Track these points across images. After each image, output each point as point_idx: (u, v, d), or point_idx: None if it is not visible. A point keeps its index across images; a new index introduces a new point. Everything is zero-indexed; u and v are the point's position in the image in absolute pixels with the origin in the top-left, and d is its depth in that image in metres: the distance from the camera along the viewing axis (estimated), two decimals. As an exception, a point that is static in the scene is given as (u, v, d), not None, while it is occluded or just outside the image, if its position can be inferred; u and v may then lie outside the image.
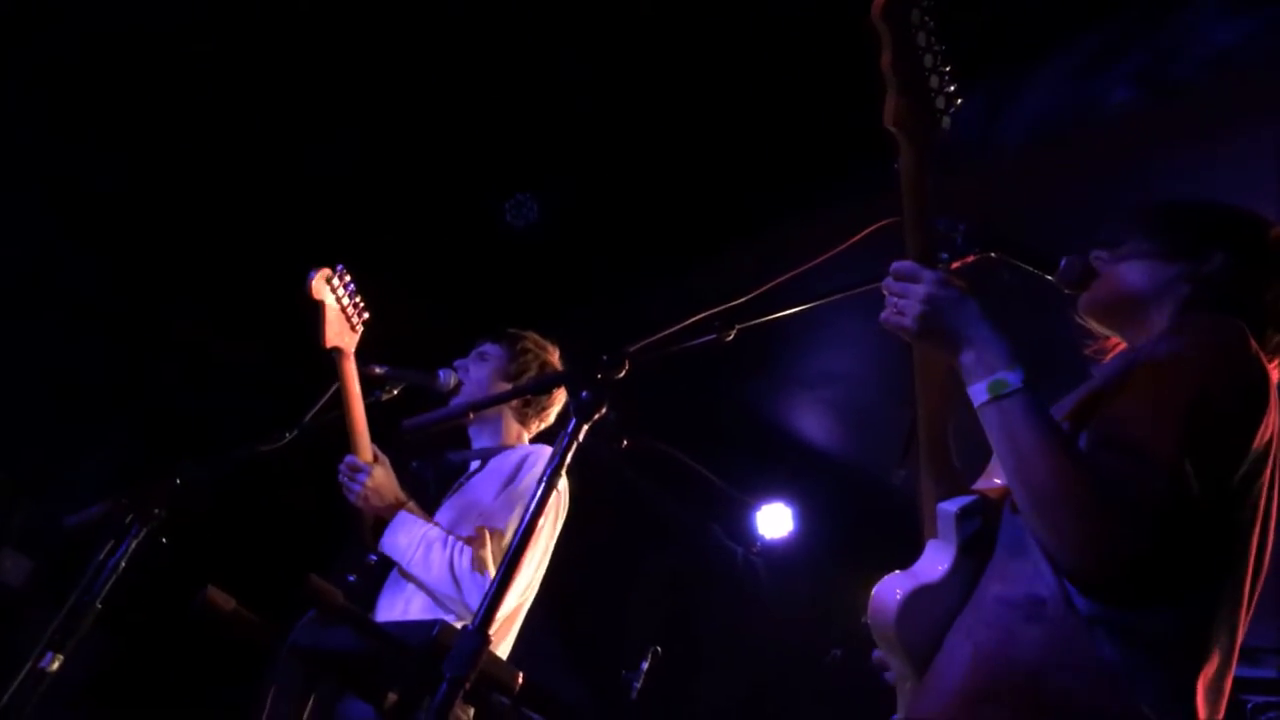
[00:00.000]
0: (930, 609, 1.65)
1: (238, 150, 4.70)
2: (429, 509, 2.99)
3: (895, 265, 1.70)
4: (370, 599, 2.92)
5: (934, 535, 1.72)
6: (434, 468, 3.22)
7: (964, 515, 1.68)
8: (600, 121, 4.54)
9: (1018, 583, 1.58)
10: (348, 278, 3.03)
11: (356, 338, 3.01)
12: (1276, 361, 1.78)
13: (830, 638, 6.94)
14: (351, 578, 2.93)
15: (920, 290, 1.65)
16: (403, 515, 2.86)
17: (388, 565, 2.93)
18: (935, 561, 1.69)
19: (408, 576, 2.86)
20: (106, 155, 4.66)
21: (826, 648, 6.80)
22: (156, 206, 4.82)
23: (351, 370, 2.93)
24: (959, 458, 1.78)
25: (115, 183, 4.74)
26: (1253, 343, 1.63)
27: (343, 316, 2.98)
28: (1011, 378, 1.56)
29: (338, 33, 4.24)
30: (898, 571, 1.71)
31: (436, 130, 4.64)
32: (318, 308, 2.93)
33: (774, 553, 6.64)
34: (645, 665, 5.65)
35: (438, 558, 2.78)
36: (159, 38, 4.22)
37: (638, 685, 5.63)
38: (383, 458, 2.91)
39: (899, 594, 1.66)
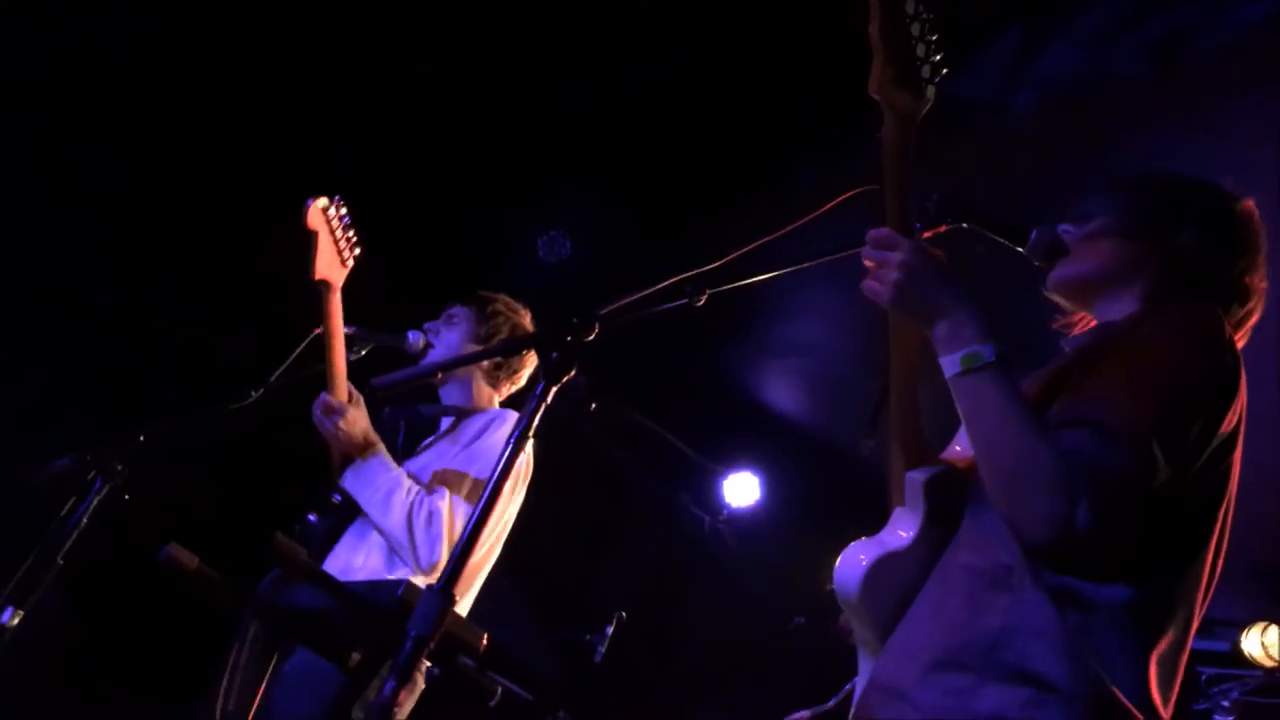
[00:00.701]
0: (895, 575, 1.66)
1: (208, 109, 4.64)
2: (396, 458, 2.97)
3: (872, 233, 1.70)
4: (331, 540, 2.91)
5: (901, 503, 1.73)
6: (405, 418, 3.21)
7: (932, 484, 1.69)
8: (579, 84, 4.50)
9: (984, 552, 1.59)
10: (344, 210, 2.95)
11: (345, 273, 2.95)
12: (1240, 333, 1.80)
13: (795, 606, 7.00)
14: (313, 517, 2.91)
15: (896, 258, 1.65)
16: (372, 458, 2.85)
17: (352, 509, 2.91)
18: (901, 529, 1.70)
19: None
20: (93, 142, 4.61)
21: (791, 615, 6.86)
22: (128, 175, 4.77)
23: (337, 305, 2.89)
24: (929, 427, 1.79)
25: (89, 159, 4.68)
26: (1226, 327, 1.65)
27: (334, 249, 2.92)
28: (985, 351, 1.56)
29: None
30: (864, 538, 1.72)
31: (409, 84, 4.59)
32: (310, 237, 2.87)
33: (740, 521, 6.67)
34: (610, 630, 5.68)
35: (397, 504, 2.77)
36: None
37: (602, 650, 5.66)
38: (358, 397, 2.88)
39: (864, 560, 1.67)
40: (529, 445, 2.99)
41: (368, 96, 4.61)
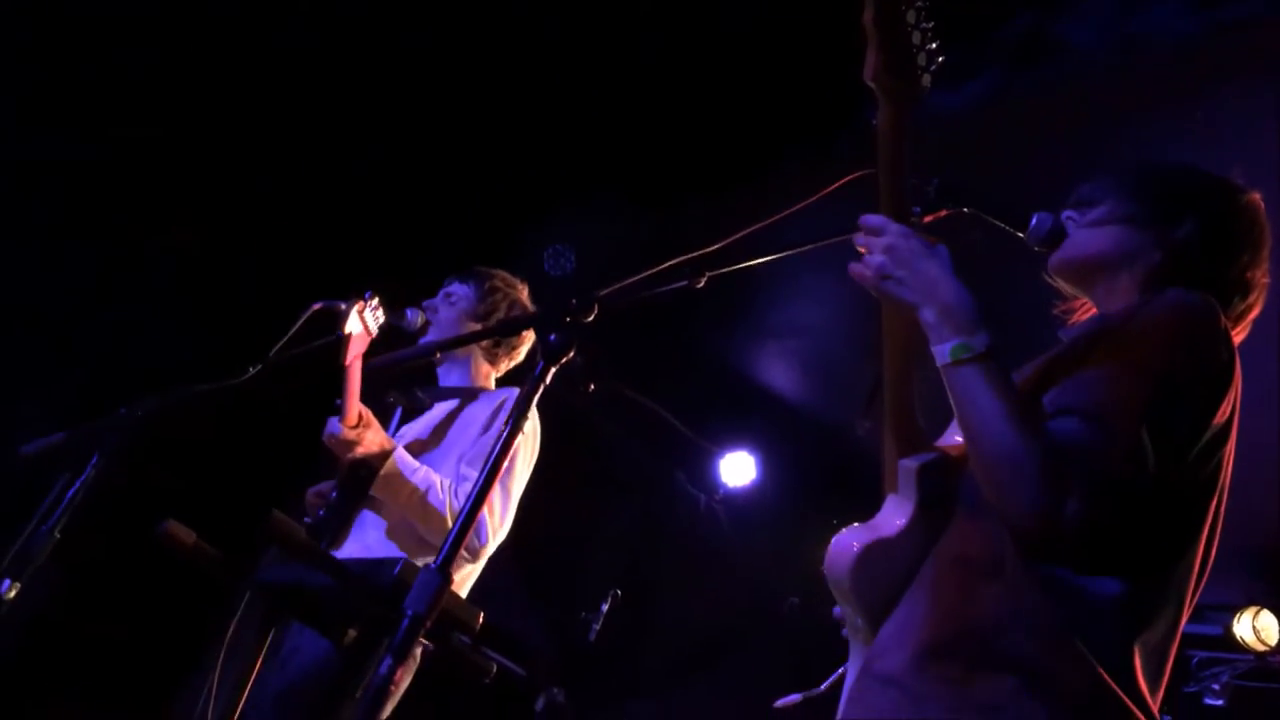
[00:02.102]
0: (887, 563, 1.66)
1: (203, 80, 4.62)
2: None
3: (864, 218, 1.69)
4: (336, 534, 2.92)
5: (894, 490, 1.73)
6: (404, 402, 3.22)
7: (925, 472, 1.68)
8: (574, 65, 4.49)
9: (976, 541, 1.59)
10: (378, 308, 2.89)
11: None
12: (1240, 327, 1.79)
13: (789, 587, 7.02)
14: (321, 512, 2.93)
15: (882, 243, 1.64)
16: (396, 465, 2.84)
17: (353, 502, 2.92)
18: (894, 516, 1.69)
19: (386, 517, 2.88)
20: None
21: (785, 596, 6.89)
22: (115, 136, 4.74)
23: (359, 348, 2.84)
24: (923, 413, 1.79)
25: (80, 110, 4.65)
26: (1222, 320, 1.64)
27: (365, 338, 2.89)
28: (975, 341, 1.55)
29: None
30: (856, 524, 1.72)
31: (410, 54, 4.58)
32: (340, 337, 2.82)
33: (736, 501, 6.69)
34: (605, 608, 5.70)
35: (435, 505, 2.83)
36: None
37: (596, 627, 5.68)
38: (367, 415, 2.87)
39: (856, 546, 1.66)
40: (535, 424, 3.04)
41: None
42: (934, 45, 1.67)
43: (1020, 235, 1.92)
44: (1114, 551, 1.50)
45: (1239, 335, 1.76)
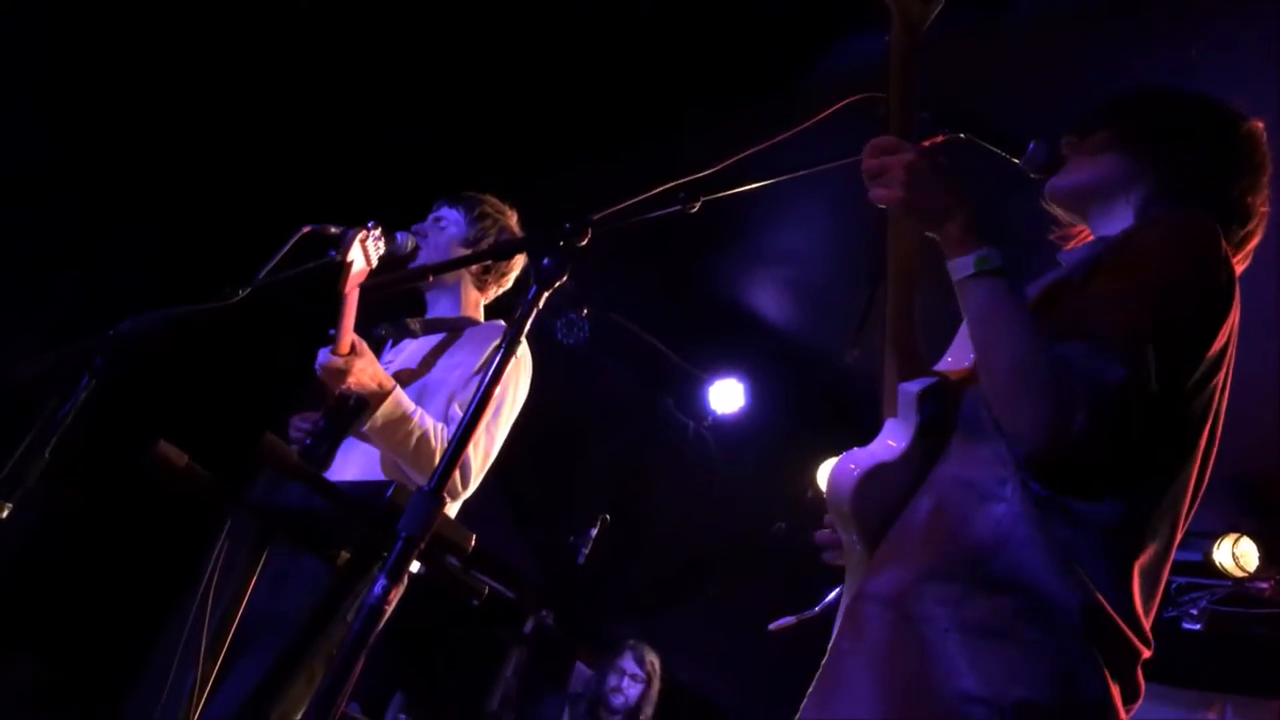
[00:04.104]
0: (886, 485, 1.67)
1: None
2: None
3: (875, 140, 1.68)
4: (323, 465, 2.92)
5: (894, 414, 1.73)
6: (394, 334, 3.20)
7: (925, 395, 1.69)
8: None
9: (975, 464, 1.60)
10: (380, 238, 2.84)
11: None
12: (1240, 254, 1.79)
13: (776, 511, 7.09)
14: (309, 441, 2.93)
15: (903, 159, 1.63)
16: (390, 408, 2.83)
17: (340, 432, 2.92)
18: (893, 439, 1.71)
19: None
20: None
21: (773, 521, 6.95)
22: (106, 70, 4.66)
23: (357, 277, 2.81)
24: (922, 338, 1.79)
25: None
26: (1223, 243, 1.63)
27: (365, 269, 2.84)
28: (993, 255, 1.57)
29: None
30: (855, 448, 1.73)
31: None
32: (340, 265, 2.76)
33: (724, 427, 6.72)
34: (593, 533, 5.75)
35: (427, 454, 2.81)
36: None
37: (585, 552, 5.74)
38: (362, 346, 2.85)
39: (855, 469, 1.67)
40: (525, 350, 3.03)
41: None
42: None
43: (1016, 161, 1.91)
44: (1114, 470, 1.52)
45: (1240, 264, 1.75)
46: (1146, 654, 1.54)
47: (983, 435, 1.60)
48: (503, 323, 3.25)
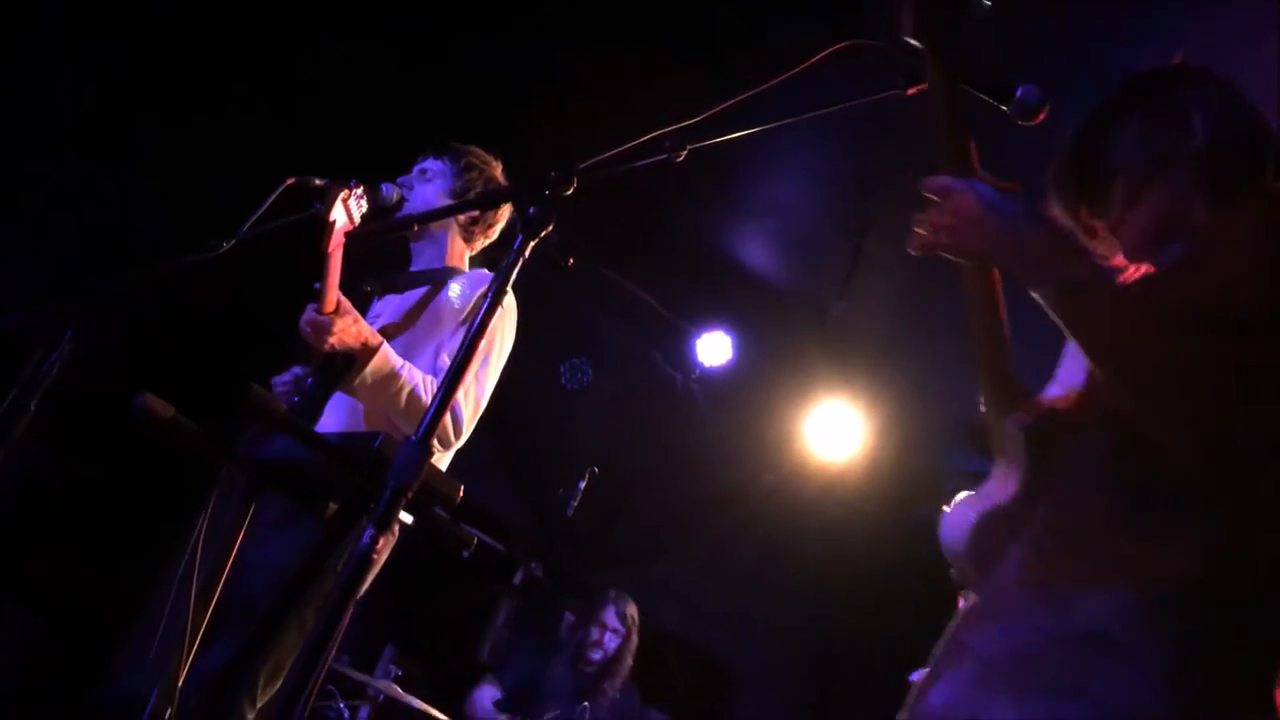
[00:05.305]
0: (998, 530, 1.60)
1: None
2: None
3: (925, 180, 1.56)
4: (310, 421, 2.92)
5: (1001, 452, 1.66)
6: (380, 290, 3.19)
7: (1032, 434, 1.61)
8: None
9: (1069, 509, 1.53)
10: (363, 196, 2.84)
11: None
12: None
13: (763, 464, 7.13)
14: (296, 398, 2.92)
15: (950, 205, 1.52)
16: (378, 366, 2.81)
17: (326, 389, 2.92)
18: (1003, 481, 1.63)
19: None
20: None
21: (759, 473, 6.99)
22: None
23: (340, 237, 2.80)
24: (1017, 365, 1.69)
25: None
26: None
27: (348, 227, 2.82)
28: (1071, 271, 1.44)
29: None
30: (969, 493, 1.67)
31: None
32: (324, 222, 2.74)
33: (712, 380, 6.73)
34: (582, 485, 5.78)
35: (417, 404, 2.81)
36: None
37: (574, 504, 5.77)
38: (345, 303, 2.84)
39: (971, 518, 1.62)
40: (510, 299, 3.02)
41: None
42: None
43: (1004, 108, 1.89)
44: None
45: None
46: None
47: (1079, 478, 1.52)
48: (487, 271, 3.23)
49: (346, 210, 2.78)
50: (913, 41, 1.60)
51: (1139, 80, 1.77)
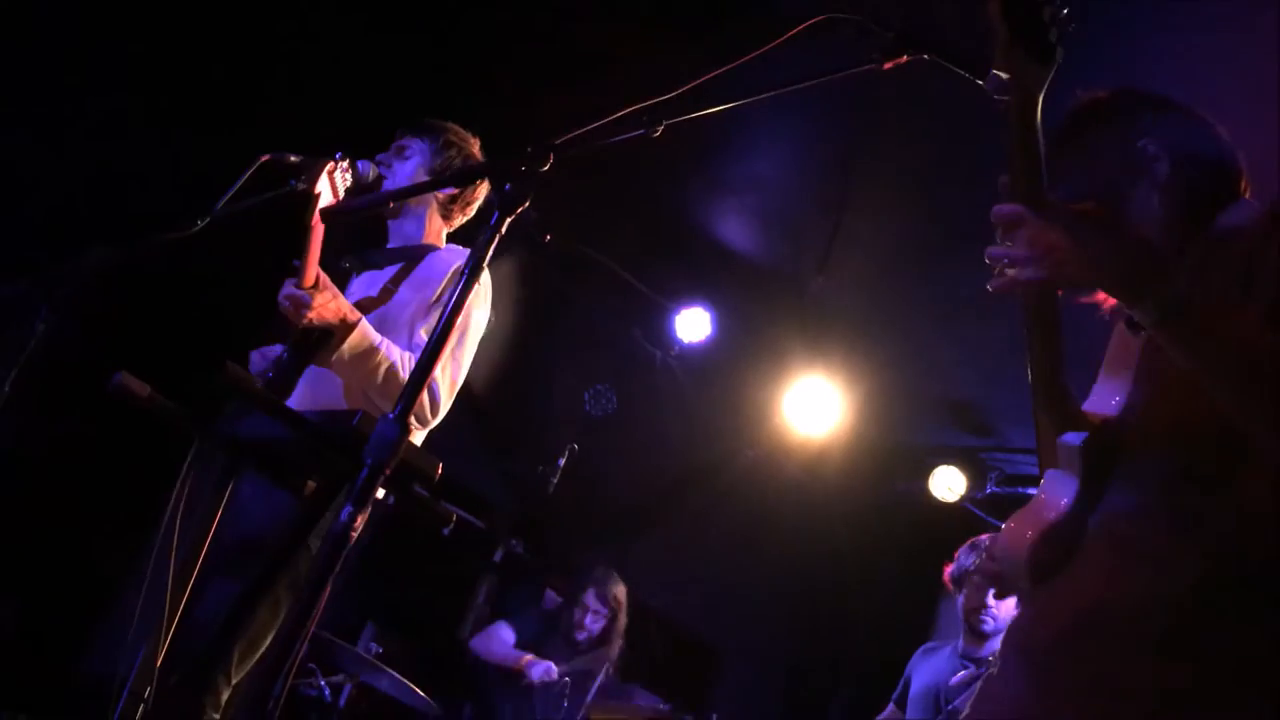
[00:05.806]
0: (1056, 544, 1.62)
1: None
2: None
3: (996, 210, 1.55)
4: (283, 393, 2.91)
5: (1055, 465, 1.69)
6: (358, 266, 3.18)
7: (1088, 448, 1.63)
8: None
9: (1126, 520, 1.56)
10: (348, 170, 2.82)
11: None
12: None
13: (743, 440, 7.15)
14: (270, 374, 2.91)
15: (1024, 235, 1.51)
16: (357, 342, 2.80)
17: (303, 365, 2.91)
18: (1059, 494, 1.66)
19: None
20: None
21: (740, 450, 7.02)
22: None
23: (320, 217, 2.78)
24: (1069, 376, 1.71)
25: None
26: None
27: (331, 201, 2.80)
28: (1164, 293, 1.44)
29: None
30: (1023, 510, 1.70)
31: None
32: (305, 196, 2.72)
33: (691, 356, 6.74)
34: (562, 462, 5.77)
35: (395, 380, 2.79)
36: None
37: (555, 481, 5.77)
38: (324, 278, 2.82)
39: (1029, 535, 1.65)
40: (485, 276, 3.02)
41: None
42: (1064, 11, 1.54)
43: (981, 84, 1.89)
44: None
45: None
46: None
47: (1138, 488, 1.55)
48: (462, 247, 3.22)
49: (331, 183, 2.76)
50: (1002, 74, 1.59)
51: (1095, 104, 1.82)
